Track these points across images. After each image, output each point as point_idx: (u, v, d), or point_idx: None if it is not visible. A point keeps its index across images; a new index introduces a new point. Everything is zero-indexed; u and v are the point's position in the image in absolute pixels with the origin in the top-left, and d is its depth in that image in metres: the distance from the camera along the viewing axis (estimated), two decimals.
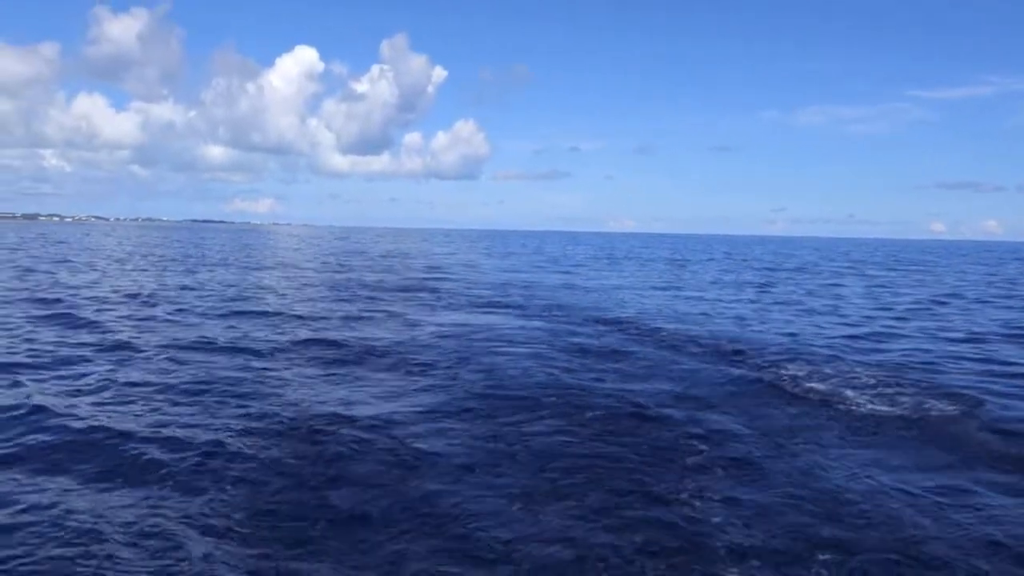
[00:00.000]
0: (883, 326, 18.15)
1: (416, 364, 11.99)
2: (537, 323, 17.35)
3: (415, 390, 10.21)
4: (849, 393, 10.18)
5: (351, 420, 8.50)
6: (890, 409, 9.46)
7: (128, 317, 17.19)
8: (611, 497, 6.40)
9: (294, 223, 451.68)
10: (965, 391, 10.27)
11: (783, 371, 11.71)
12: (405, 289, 26.01)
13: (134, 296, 21.61)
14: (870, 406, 9.56)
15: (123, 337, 13.97)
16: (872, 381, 10.95)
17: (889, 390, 10.37)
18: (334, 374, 11.25)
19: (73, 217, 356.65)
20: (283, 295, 23.44)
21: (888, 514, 6.18)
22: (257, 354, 12.65)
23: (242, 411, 8.84)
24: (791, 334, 16.25)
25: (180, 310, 18.67)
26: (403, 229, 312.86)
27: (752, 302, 24.17)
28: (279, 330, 15.48)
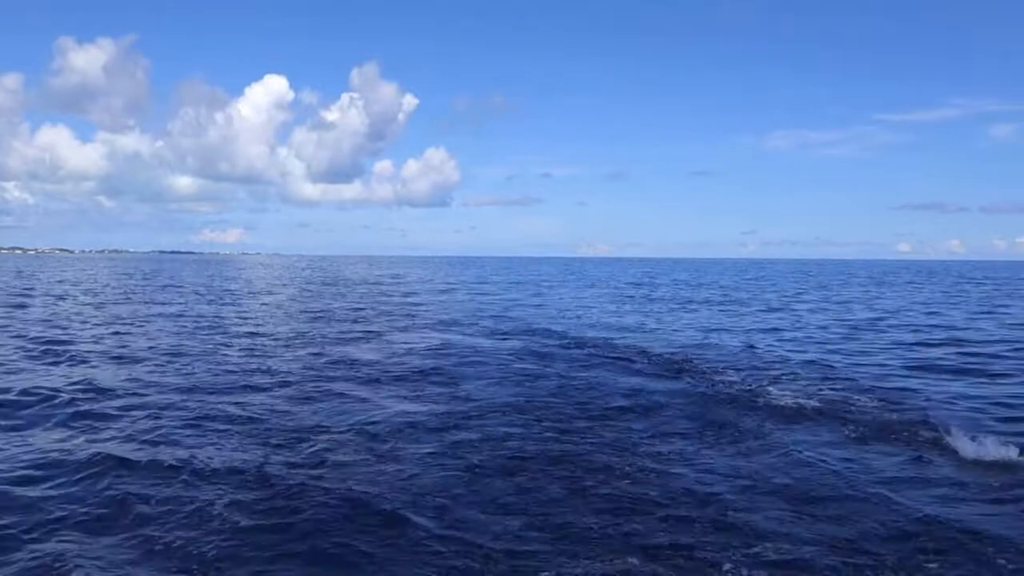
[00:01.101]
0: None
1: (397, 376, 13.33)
2: (510, 342, 18.79)
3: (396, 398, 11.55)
4: (772, 389, 11.77)
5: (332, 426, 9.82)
6: (807, 401, 11.03)
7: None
8: (573, 475, 7.76)
9: (264, 252, 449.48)
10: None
11: (725, 377, 13.25)
12: (384, 314, 27.31)
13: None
14: (790, 399, 11.12)
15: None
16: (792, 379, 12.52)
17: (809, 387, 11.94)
18: (326, 390, 12.52)
19: (36, 250, 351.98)
20: (261, 321, 24.60)
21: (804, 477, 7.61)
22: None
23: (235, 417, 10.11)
24: (740, 346, 17.86)
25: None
26: (375, 256, 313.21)
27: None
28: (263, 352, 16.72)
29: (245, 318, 25.19)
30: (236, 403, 10.88)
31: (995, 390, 12.49)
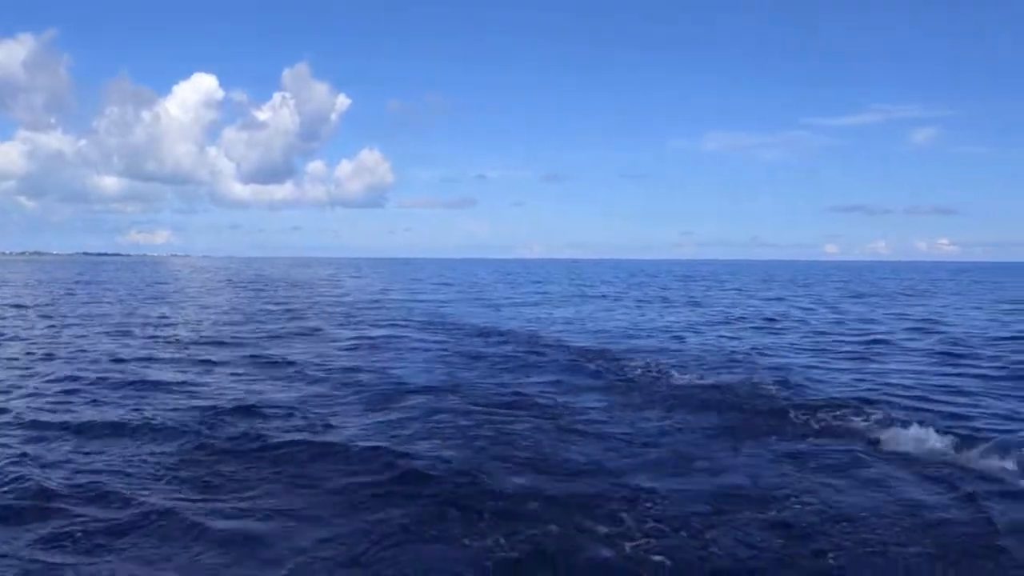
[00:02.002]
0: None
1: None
2: (438, 336, 19.81)
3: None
4: (675, 373, 13.07)
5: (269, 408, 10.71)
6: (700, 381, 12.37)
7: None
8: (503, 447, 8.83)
9: (193, 254, 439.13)
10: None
11: (632, 362, 14.54)
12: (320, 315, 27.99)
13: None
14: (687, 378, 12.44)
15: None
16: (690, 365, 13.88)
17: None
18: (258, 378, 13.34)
19: None
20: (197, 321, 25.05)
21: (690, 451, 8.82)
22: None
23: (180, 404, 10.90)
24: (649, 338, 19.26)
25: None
26: (308, 258, 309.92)
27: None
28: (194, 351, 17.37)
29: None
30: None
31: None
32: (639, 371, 13.67)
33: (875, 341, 19.39)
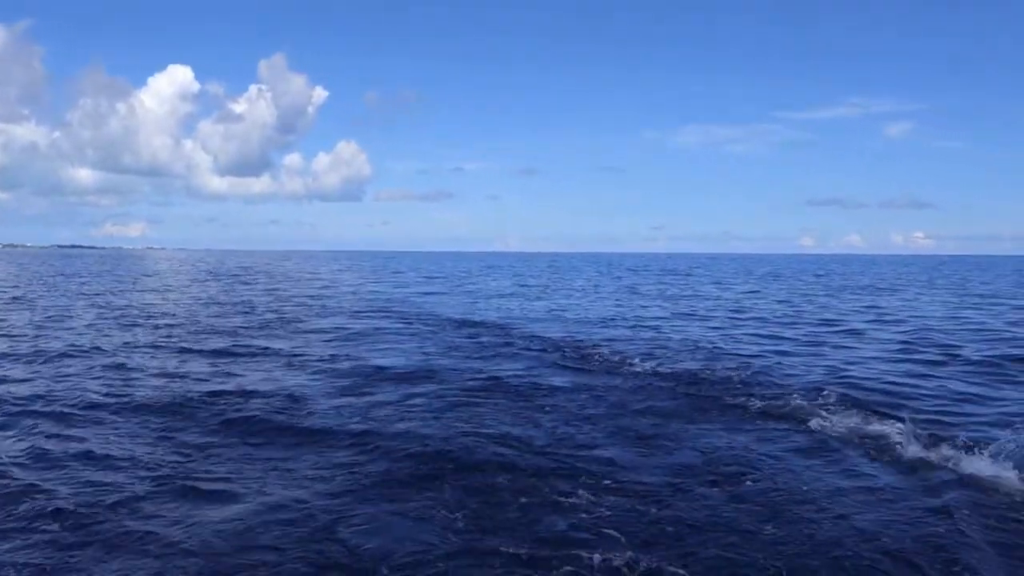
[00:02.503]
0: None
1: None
2: (414, 325, 20.36)
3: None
4: (635, 359, 13.76)
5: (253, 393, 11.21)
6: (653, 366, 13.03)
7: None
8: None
9: (169, 247, 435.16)
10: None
11: (599, 350, 15.18)
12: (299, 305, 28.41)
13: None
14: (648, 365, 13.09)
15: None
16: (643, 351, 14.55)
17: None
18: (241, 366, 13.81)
19: None
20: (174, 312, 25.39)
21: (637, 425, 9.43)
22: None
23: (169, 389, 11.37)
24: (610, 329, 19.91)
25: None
26: (286, 252, 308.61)
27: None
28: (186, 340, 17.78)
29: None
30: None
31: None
32: (604, 358, 14.34)
33: (833, 331, 20.19)
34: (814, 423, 9.40)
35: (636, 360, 13.98)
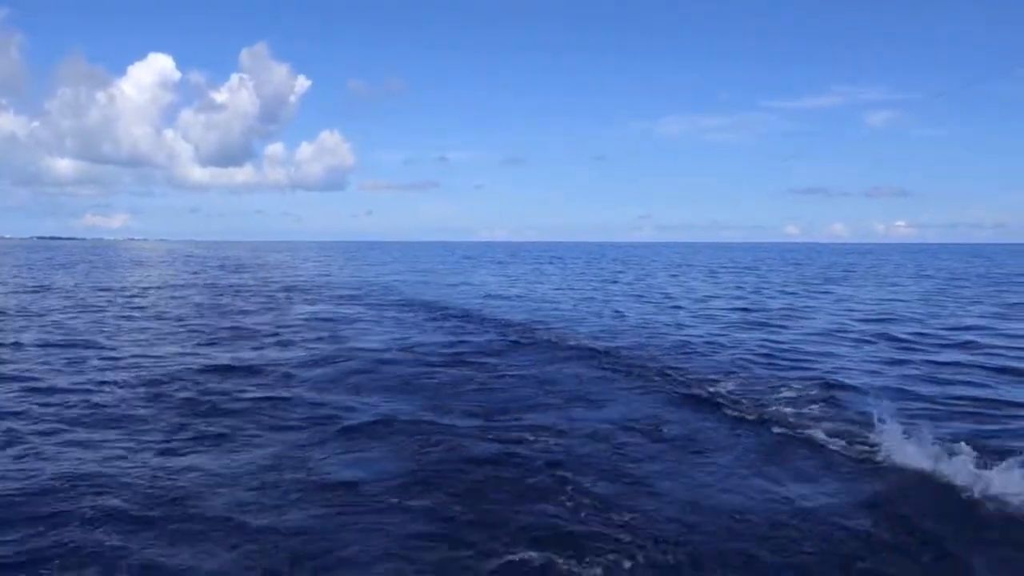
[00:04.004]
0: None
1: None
2: (392, 311, 22.00)
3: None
4: (587, 342, 15.49)
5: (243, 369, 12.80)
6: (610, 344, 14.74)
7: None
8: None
9: (150, 238, 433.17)
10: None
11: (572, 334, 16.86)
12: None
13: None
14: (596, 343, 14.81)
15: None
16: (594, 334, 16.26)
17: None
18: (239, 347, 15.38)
19: None
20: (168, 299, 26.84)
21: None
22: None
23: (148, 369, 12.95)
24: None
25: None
26: (269, 242, 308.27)
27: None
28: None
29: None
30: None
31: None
32: (558, 337, 16.08)
33: (773, 316, 21.98)
34: (722, 393, 10.95)
35: (583, 337, 15.72)
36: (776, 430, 8.82)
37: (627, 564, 5.35)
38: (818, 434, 8.54)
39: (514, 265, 61.91)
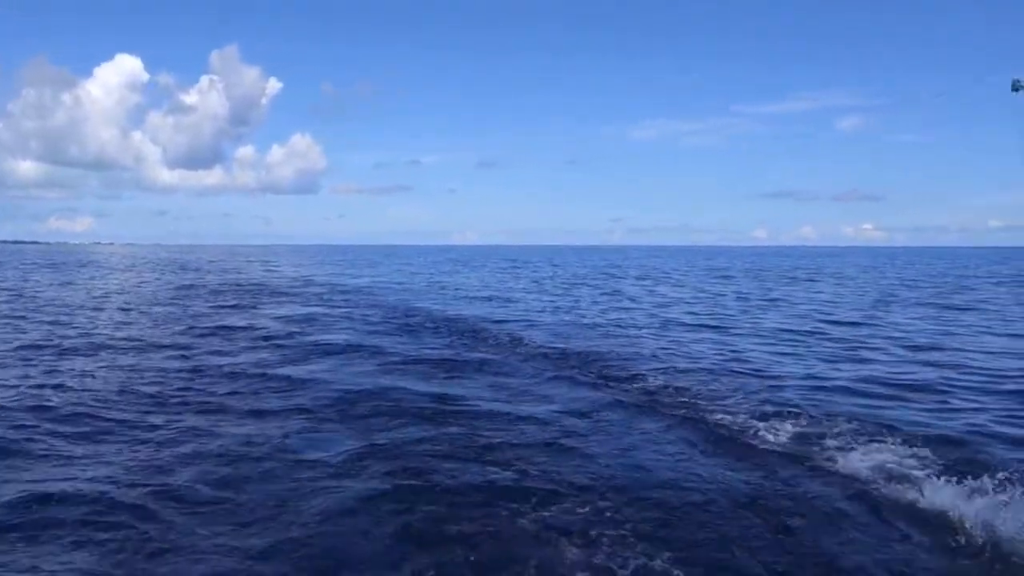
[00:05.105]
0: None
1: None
2: (358, 310, 22.87)
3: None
4: (533, 333, 16.48)
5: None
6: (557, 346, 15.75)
7: None
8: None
9: (117, 242, 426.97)
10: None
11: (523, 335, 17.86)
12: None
13: None
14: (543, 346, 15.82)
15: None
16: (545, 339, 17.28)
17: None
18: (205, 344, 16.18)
19: None
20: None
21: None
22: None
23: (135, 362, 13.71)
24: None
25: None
26: (239, 246, 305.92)
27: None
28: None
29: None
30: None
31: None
32: (509, 338, 17.12)
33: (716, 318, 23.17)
34: (654, 386, 12.02)
35: (537, 339, 16.78)
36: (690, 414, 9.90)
37: (565, 508, 6.42)
38: (726, 419, 9.61)
39: (484, 270, 62.88)
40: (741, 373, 13.12)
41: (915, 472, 7.37)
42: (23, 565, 5.36)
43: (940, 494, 6.64)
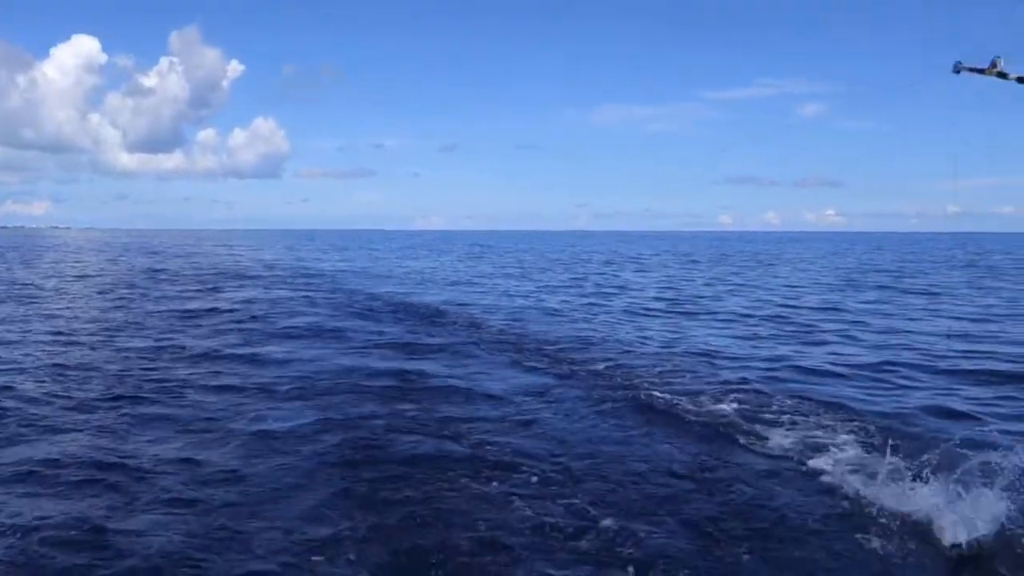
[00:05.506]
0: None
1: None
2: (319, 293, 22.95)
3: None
4: (493, 317, 16.71)
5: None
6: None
7: None
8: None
9: (75, 227, 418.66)
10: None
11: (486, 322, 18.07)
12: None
13: None
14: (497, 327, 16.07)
15: None
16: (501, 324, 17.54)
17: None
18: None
19: None
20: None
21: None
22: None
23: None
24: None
25: None
26: (201, 231, 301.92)
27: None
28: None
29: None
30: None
31: None
32: (470, 322, 17.39)
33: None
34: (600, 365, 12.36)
35: (492, 322, 17.01)
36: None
37: (516, 478, 6.75)
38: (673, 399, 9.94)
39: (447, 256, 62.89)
40: (693, 355, 13.52)
41: (833, 443, 7.83)
42: None
43: (848, 463, 7.13)
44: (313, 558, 5.18)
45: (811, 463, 7.21)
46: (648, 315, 20.09)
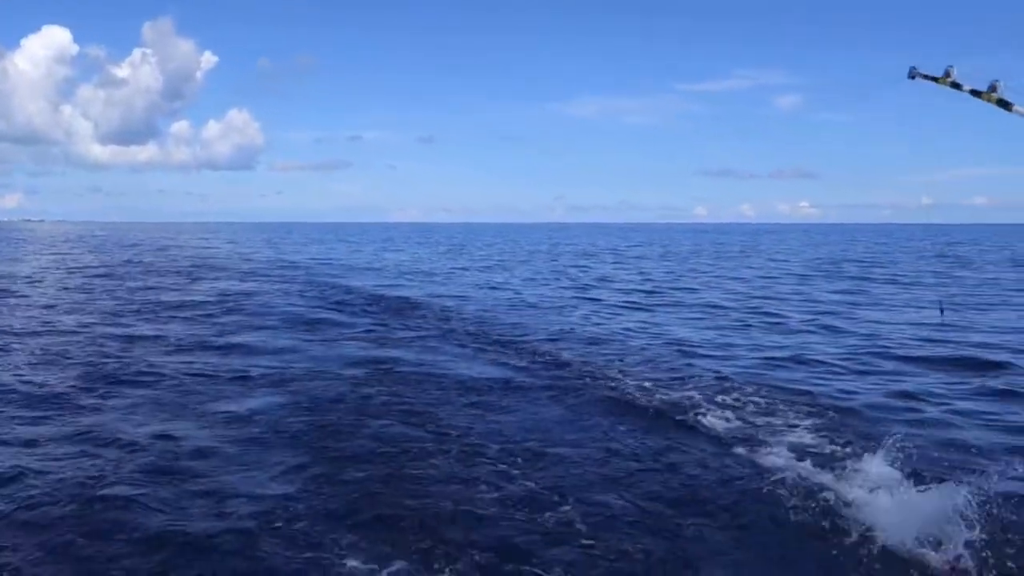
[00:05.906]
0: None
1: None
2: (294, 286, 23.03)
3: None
4: (465, 308, 16.94)
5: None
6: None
7: None
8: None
9: (47, 219, 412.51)
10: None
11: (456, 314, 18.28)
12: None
13: None
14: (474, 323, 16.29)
15: None
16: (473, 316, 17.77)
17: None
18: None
19: None
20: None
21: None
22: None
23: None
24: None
25: None
26: (175, 223, 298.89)
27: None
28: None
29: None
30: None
31: None
32: (441, 314, 17.64)
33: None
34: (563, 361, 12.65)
35: (468, 313, 17.23)
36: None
37: (480, 460, 7.01)
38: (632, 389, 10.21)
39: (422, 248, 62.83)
40: (661, 345, 13.80)
41: (788, 426, 8.21)
42: None
43: (795, 447, 7.47)
44: (276, 524, 5.56)
45: (763, 448, 7.49)
46: (620, 307, 20.39)
